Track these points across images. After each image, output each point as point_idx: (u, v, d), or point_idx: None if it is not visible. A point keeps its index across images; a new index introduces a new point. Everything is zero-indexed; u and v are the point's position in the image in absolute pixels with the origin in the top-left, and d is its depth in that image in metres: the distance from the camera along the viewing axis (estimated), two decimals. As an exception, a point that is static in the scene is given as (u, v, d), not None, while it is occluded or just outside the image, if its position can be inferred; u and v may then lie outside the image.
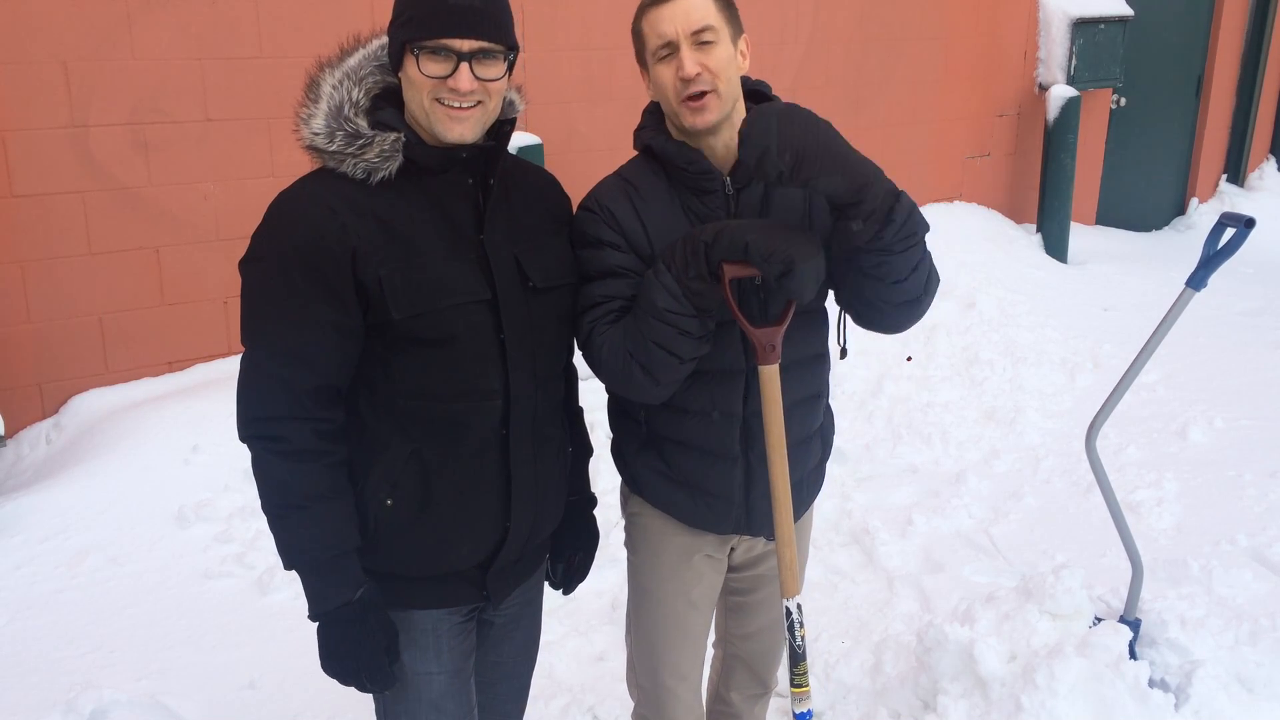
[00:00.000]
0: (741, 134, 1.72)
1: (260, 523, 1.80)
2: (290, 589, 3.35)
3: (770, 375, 1.83)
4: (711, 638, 2.33)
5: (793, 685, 1.95)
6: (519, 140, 4.57)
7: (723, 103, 1.86)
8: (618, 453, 2.16)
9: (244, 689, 3.02)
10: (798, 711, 1.96)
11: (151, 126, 4.08)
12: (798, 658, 1.93)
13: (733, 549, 2.17)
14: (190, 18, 4.08)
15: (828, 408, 2.18)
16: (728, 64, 1.85)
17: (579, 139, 5.17)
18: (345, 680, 1.82)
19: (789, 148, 1.69)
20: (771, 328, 1.85)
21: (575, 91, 5.14)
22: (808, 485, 2.12)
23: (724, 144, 1.90)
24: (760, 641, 2.29)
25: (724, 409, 1.97)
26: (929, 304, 1.94)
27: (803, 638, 1.93)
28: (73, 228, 4.00)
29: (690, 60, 1.81)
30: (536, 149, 4.62)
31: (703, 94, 1.83)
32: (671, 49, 1.84)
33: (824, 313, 2.05)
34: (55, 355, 4.06)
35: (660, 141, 1.93)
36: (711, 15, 1.84)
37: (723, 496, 2.03)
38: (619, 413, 2.13)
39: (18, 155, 3.85)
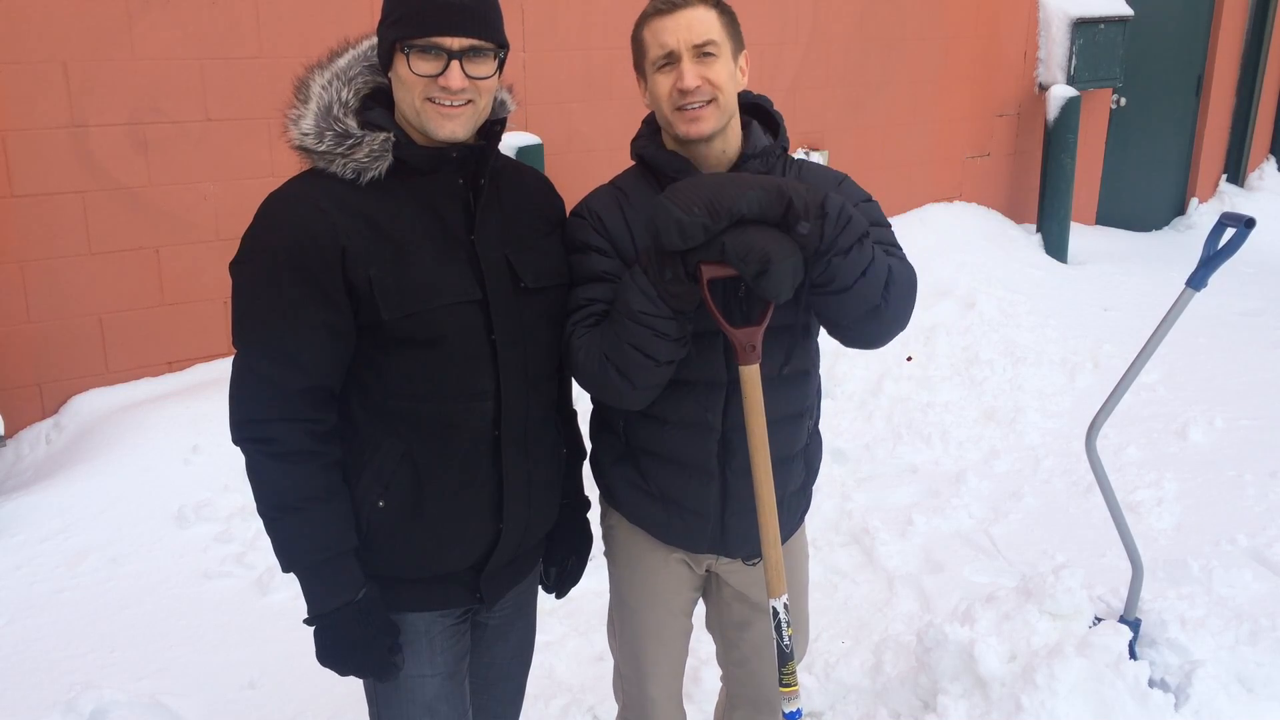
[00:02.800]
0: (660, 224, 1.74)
1: (260, 522, 1.79)
2: (290, 589, 3.34)
3: (751, 375, 1.83)
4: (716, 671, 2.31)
5: (781, 684, 1.95)
6: (519, 140, 4.56)
7: (720, 114, 1.87)
8: (595, 465, 2.15)
9: (244, 689, 3.03)
10: (786, 710, 1.96)
11: (151, 126, 4.08)
12: (785, 657, 1.93)
13: (709, 569, 2.16)
14: (190, 18, 4.08)
15: (815, 431, 2.16)
16: (728, 78, 1.87)
17: (579, 139, 5.16)
18: (344, 672, 1.82)
19: (695, 203, 1.71)
20: (751, 328, 1.84)
21: (575, 91, 5.14)
22: (789, 508, 2.09)
23: (716, 154, 1.92)
24: (761, 677, 2.25)
25: (702, 420, 1.95)
26: (898, 314, 1.89)
27: (790, 637, 1.92)
28: (73, 228, 4.00)
29: (691, 72, 1.83)
30: (537, 149, 4.61)
31: (699, 104, 1.84)
32: (672, 59, 1.85)
33: (813, 329, 2.03)
34: (55, 355, 4.06)
35: (651, 150, 1.95)
36: (714, 30, 1.85)
37: (698, 513, 2.02)
38: (599, 425, 2.12)
39: (18, 155, 3.85)
